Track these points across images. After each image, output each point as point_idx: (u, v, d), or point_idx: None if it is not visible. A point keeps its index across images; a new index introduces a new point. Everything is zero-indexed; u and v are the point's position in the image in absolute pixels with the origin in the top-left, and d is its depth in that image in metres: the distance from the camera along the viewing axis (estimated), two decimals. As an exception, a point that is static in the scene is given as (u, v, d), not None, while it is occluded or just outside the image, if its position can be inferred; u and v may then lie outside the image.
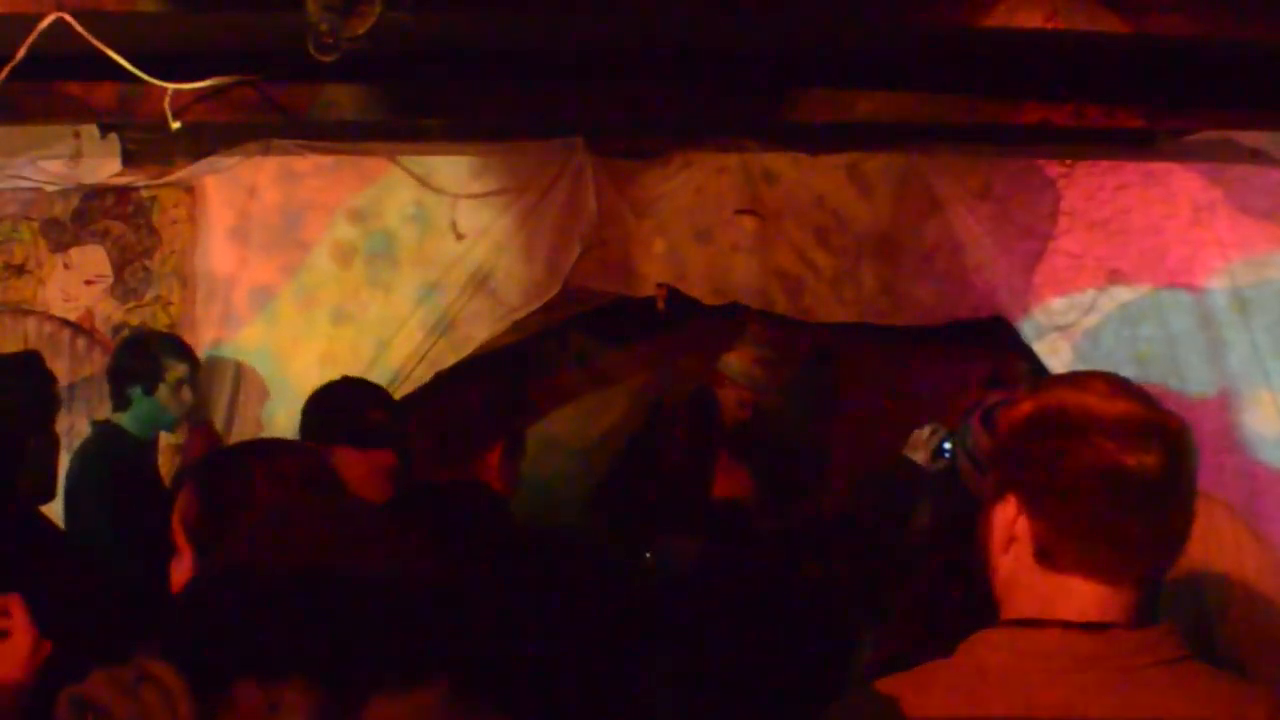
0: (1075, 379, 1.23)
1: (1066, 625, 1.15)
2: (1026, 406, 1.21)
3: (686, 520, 3.94)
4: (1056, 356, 3.75)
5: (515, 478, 2.42)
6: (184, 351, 3.51)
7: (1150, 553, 1.16)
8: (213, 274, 3.81)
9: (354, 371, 3.78)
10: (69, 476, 3.25)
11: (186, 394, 3.46)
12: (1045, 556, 1.18)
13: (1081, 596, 1.16)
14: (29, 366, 3.04)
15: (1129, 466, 1.13)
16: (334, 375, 3.76)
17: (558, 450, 4.92)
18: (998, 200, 3.82)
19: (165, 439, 3.64)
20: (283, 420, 3.77)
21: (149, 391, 3.38)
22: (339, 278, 3.84)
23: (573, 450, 4.92)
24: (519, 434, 2.42)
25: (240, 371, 3.78)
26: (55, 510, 3.15)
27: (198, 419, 3.53)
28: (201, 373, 3.69)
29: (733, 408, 4.00)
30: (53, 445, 2.89)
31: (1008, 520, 1.20)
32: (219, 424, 3.70)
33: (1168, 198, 3.71)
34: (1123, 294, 3.74)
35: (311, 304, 3.84)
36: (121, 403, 3.40)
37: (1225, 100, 3.21)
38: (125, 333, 3.75)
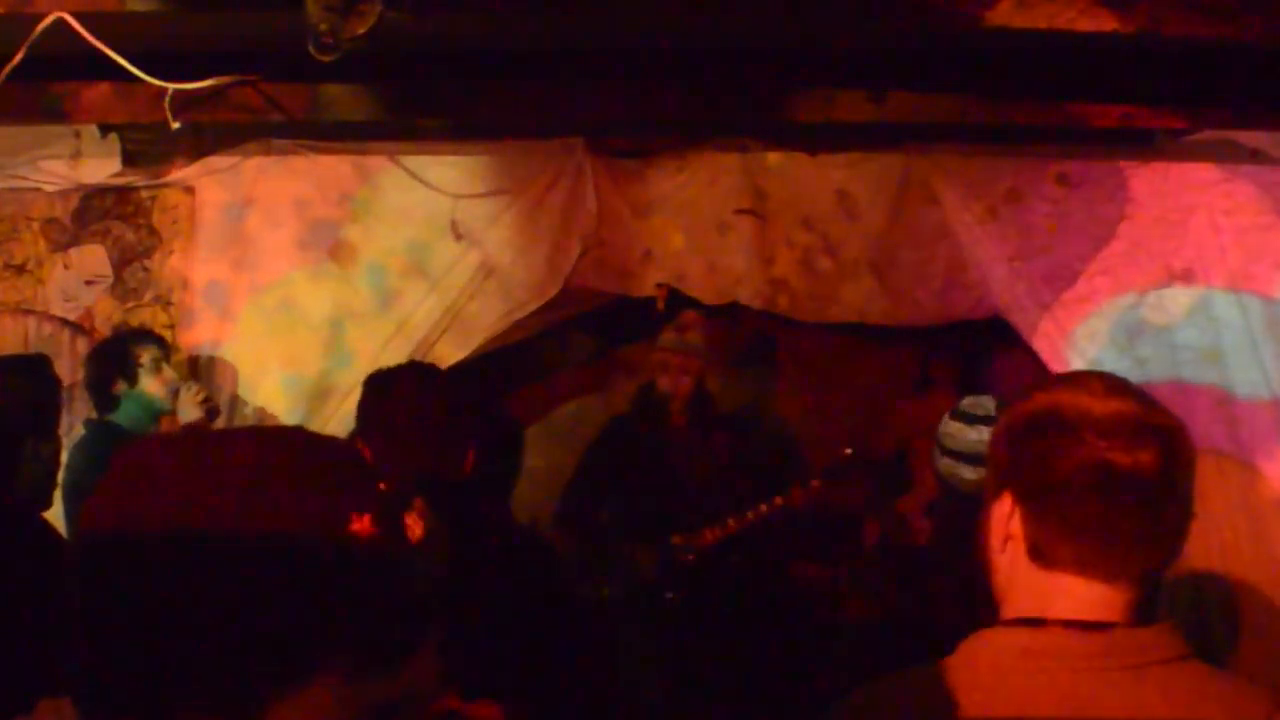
0: (1072, 378, 1.23)
1: (1067, 624, 1.15)
2: (1024, 406, 1.22)
3: (654, 519, 3.93)
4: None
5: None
6: (146, 335, 3.52)
7: (1145, 551, 1.16)
8: (211, 274, 3.81)
9: (353, 371, 3.80)
10: (66, 477, 3.24)
11: (167, 371, 3.46)
12: (1039, 555, 1.18)
13: (1077, 595, 1.16)
14: (34, 369, 3.03)
15: (1121, 465, 1.13)
16: (332, 375, 3.80)
17: (559, 452, 4.92)
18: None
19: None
20: (279, 419, 3.78)
21: (133, 383, 3.38)
22: (338, 278, 3.84)
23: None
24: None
25: (240, 369, 3.78)
26: (56, 514, 3.15)
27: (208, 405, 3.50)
28: (200, 372, 3.70)
29: (672, 385, 3.99)
30: (54, 450, 2.88)
31: (1003, 518, 1.21)
32: (218, 422, 3.69)
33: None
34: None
35: (311, 304, 3.84)
36: (109, 405, 3.38)
37: (1225, 100, 3.21)
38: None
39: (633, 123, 3.79)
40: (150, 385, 3.39)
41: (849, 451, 3.90)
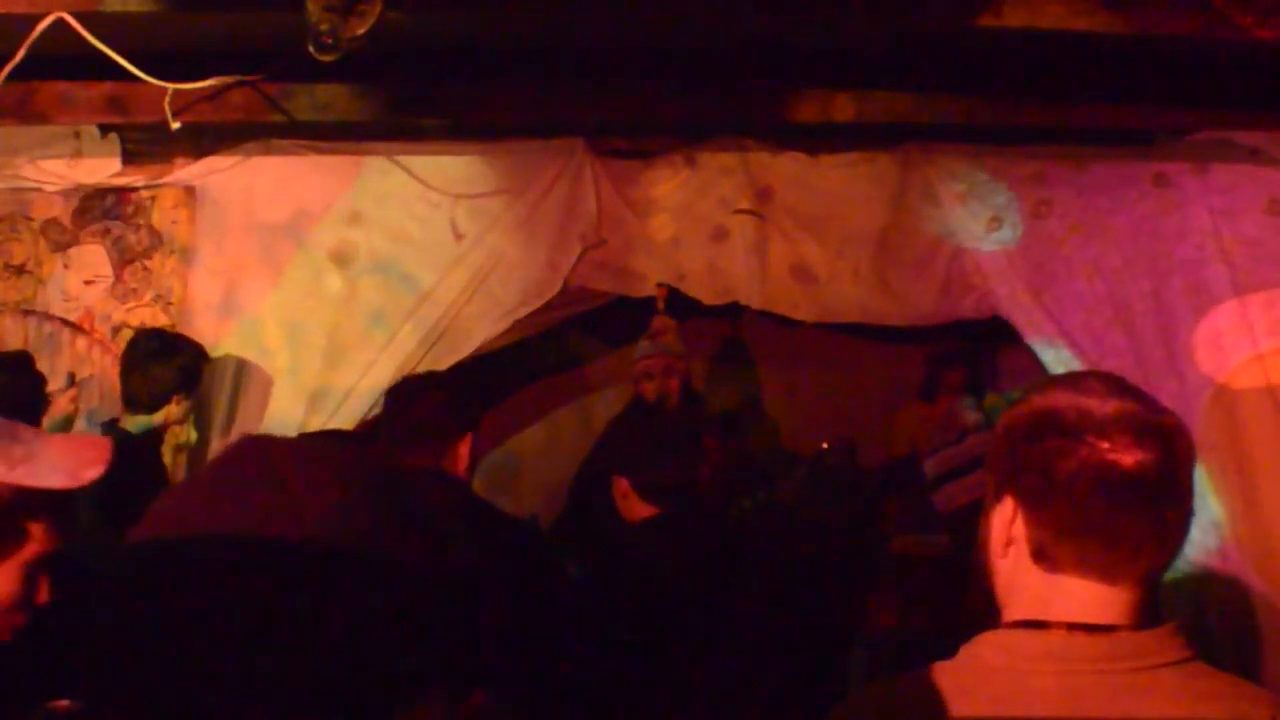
0: (1071, 379, 1.22)
1: (1070, 627, 1.14)
2: (1023, 409, 1.21)
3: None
4: None
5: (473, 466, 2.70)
6: (204, 353, 3.48)
7: (1148, 552, 1.15)
8: (211, 274, 3.81)
9: (354, 371, 3.80)
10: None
11: (203, 391, 3.48)
12: (1043, 557, 1.18)
13: (1080, 597, 1.16)
14: (13, 367, 3.00)
15: (1124, 465, 1.13)
16: (332, 374, 3.80)
17: (558, 452, 4.93)
18: None
19: (172, 437, 3.61)
20: (279, 419, 3.78)
21: (187, 396, 3.34)
22: (339, 277, 3.84)
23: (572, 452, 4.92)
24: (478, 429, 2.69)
25: (241, 368, 3.77)
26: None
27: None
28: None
29: (660, 390, 4.00)
30: None
31: (1005, 522, 1.20)
32: (219, 422, 3.69)
33: None
34: None
35: (311, 304, 3.83)
36: (156, 408, 3.28)
37: (1225, 100, 3.21)
38: (128, 332, 3.72)
39: (633, 123, 3.79)
40: (188, 405, 3.37)
41: (825, 446, 3.91)
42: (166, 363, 3.30)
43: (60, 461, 1.40)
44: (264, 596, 0.71)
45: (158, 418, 3.29)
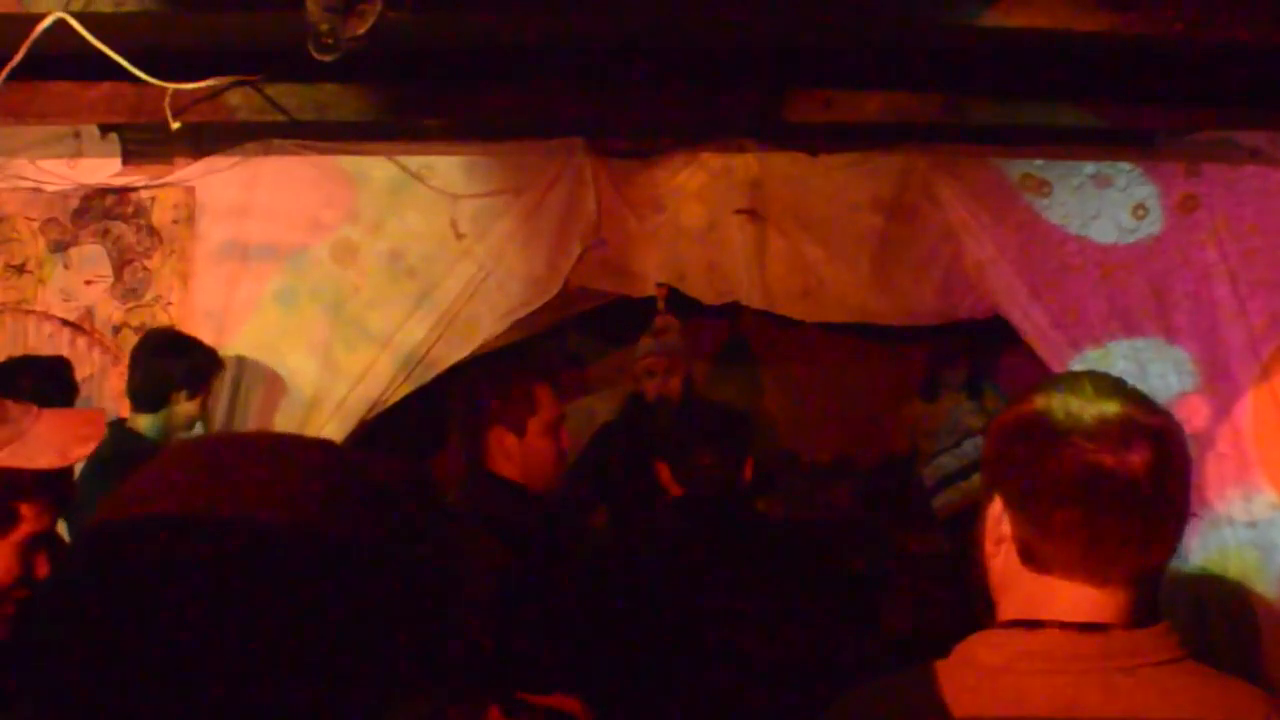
0: (1067, 380, 1.22)
1: (1063, 626, 1.14)
2: (1016, 409, 1.21)
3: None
4: None
5: (549, 458, 2.55)
6: (219, 358, 3.48)
7: (1132, 554, 1.14)
8: (211, 274, 3.81)
9: (354, 371, 3.80)
10: (78, 482, 3.18)
11: (214, 399, 3.49)
12: (1029, 557, 1.18)
13: (1069, 597, 1.16)
14: (50, 372, 2.98)
15: (1107, 466, 1.12)
16: (332, 375, 3.80)
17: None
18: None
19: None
20: (279, 419, 3.78)
21: (192, 396, 3.32)
22: (339, 277, 3.84)
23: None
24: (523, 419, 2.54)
25: (242, 367, 3.76)
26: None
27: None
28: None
29: (661, 388, 4.00)
30: None
31: (995, 520, 1.21)
32: (219, 422, 3.69)
33: None
34: None
35: (311, 303, 3.83)
36: (158, 405, 3.29)
37: (1225, 100, 3.20)
38: (128, 332, 3.72)
39: (633, 123, 3.79)
40: (199, 407, 3.36)
41: (827, 460, 3.92)
42: (169, 359, 3.30)
43: (51, 439, 1.39)
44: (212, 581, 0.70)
45: (161, 416, 3.30)
